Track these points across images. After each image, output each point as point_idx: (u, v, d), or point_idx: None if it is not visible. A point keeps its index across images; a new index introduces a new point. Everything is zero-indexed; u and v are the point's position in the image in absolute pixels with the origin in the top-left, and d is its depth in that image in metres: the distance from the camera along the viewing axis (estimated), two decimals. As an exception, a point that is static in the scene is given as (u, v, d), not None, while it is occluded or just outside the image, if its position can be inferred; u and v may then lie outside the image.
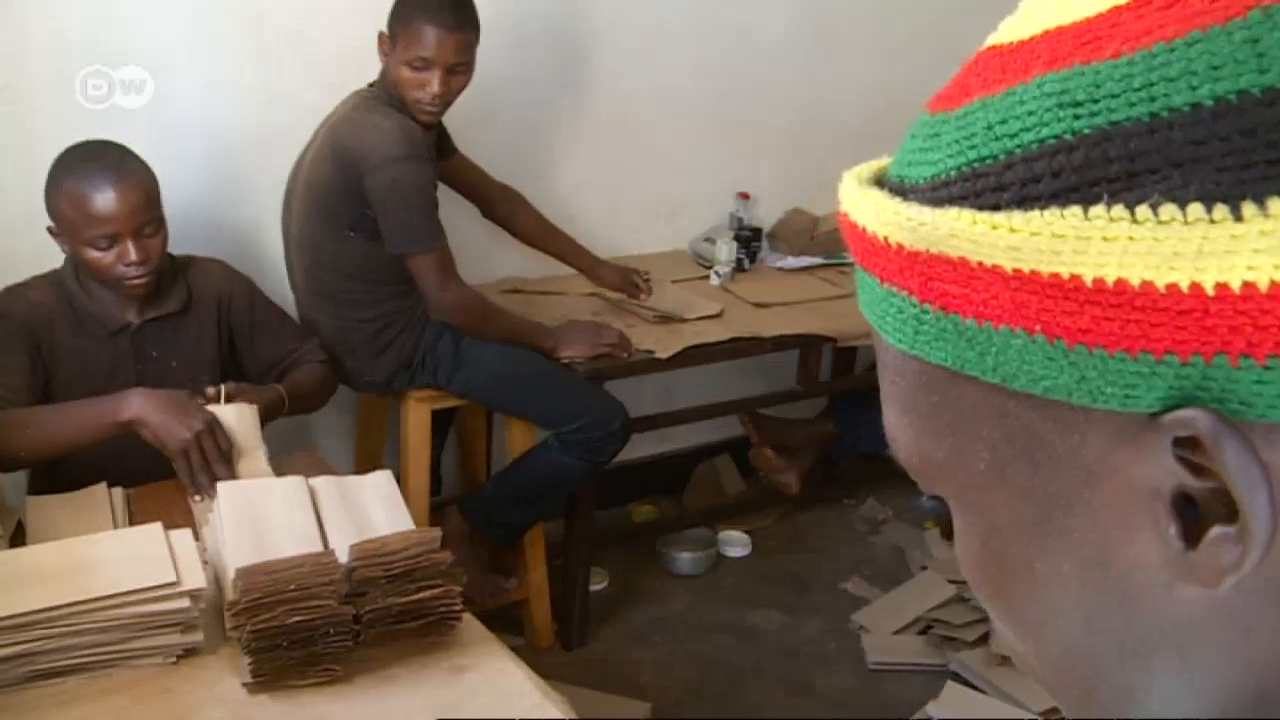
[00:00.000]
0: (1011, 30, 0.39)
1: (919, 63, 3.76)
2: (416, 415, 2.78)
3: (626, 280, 3.08)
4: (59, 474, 1.98)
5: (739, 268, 3.50)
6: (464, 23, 2.50)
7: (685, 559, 3.46)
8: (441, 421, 3.05)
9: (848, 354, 3.74)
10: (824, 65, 3.70)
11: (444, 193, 2.74)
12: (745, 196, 3.63)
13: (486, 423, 3.22)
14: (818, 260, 3.63)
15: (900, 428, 0.44)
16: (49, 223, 2.11)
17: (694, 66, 3.47)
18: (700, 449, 3.89)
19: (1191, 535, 0.35)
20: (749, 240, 3.58)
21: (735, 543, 3.58)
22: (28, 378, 2.07)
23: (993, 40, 0.40)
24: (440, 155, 2.76)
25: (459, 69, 2.52)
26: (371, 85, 2.60)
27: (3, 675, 1.40)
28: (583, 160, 3.38)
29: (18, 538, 1.75)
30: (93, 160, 2.08)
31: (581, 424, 2.73)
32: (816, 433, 3.61)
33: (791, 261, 3.64)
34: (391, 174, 2.45)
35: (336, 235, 2.55)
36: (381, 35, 2.53)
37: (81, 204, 2.04)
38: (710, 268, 3.44)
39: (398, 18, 2.50)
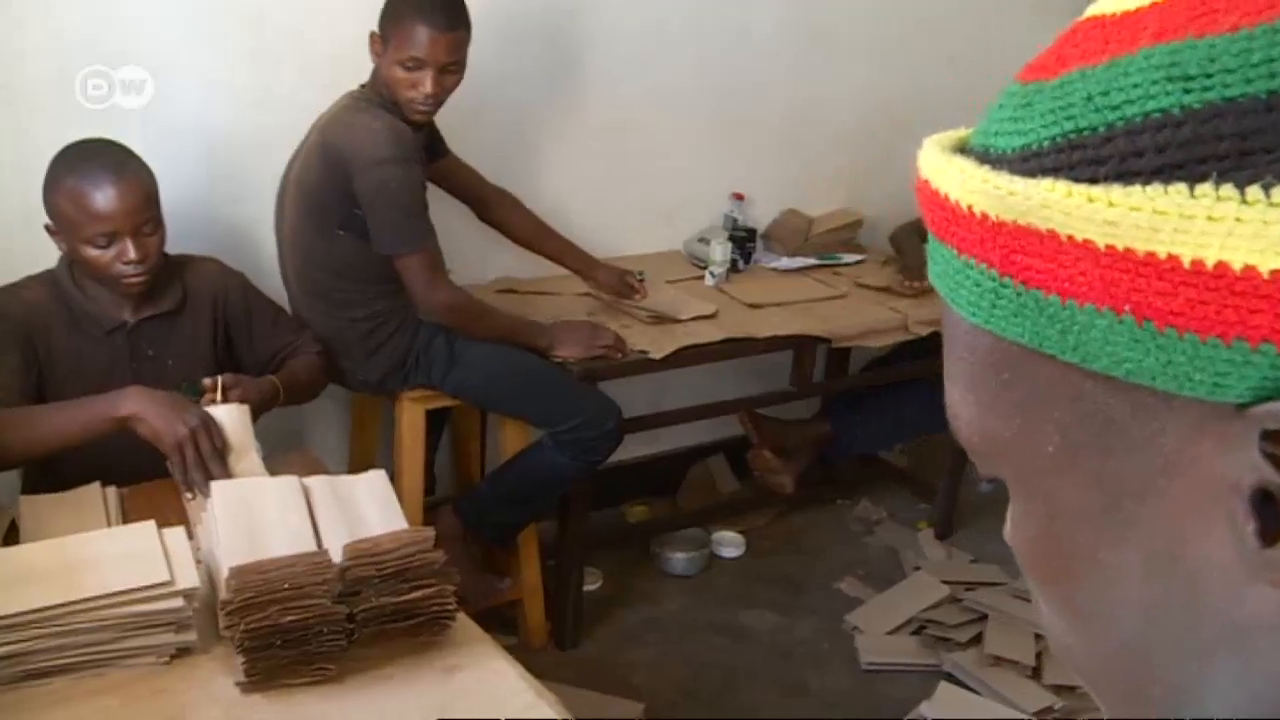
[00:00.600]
0: (1115, 1, 0.37)
1: (913, 65, 3.79)
2: (410, 415, 2.78)
3: (621, 281, 3.08)
4: (53, 473, 1.98)
5: (733, 268, 3.50)
6: (456, 22, 2.50)
7: (679, 559, 3.46)
8: (436, 421, 3.04)
9: (842, 355, 3.75)
10: (819, 67, 3.70)
11: (436, 193, 2.74)
12: (740, 197, 3.63)
13: (481, 423, 3.22)
14: (812, 261, 3.64)
15: (964, 404, 0.43)
16: (46, 221, 2.11)
17: (689, 67, 3.47)
18: (694, 449, 3.89)
19: (1269, 534, 0.34)
20: (744, 241, 3.58)
21: (729, 543, 3.59)
22: (22, 378, 2.06)
23: (1093, 10, 0.38)
24: (432, 156, 2.76)
25: (451, 68, 2.52)
26: (363, 86, 2.60)
27: (-6, 674, 1.40)
28: (578, 160, 3.38)
29: (11, 536, 1.74)
30: (93, 158, 2.08)
31: (575, 424, 2.73)
32: (812, 434, 3.61)
33: (786, 262, 3.64)
34: (380, 175, 2.45)
35: (327, 234, 2.55)
36: (373, 35, 2.53)
37: (82, 201, 2.04)
38: (705, 268, 3.44)
39: (389, 17, 2.51)
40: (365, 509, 1.69)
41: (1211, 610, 0.36)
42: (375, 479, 1.78)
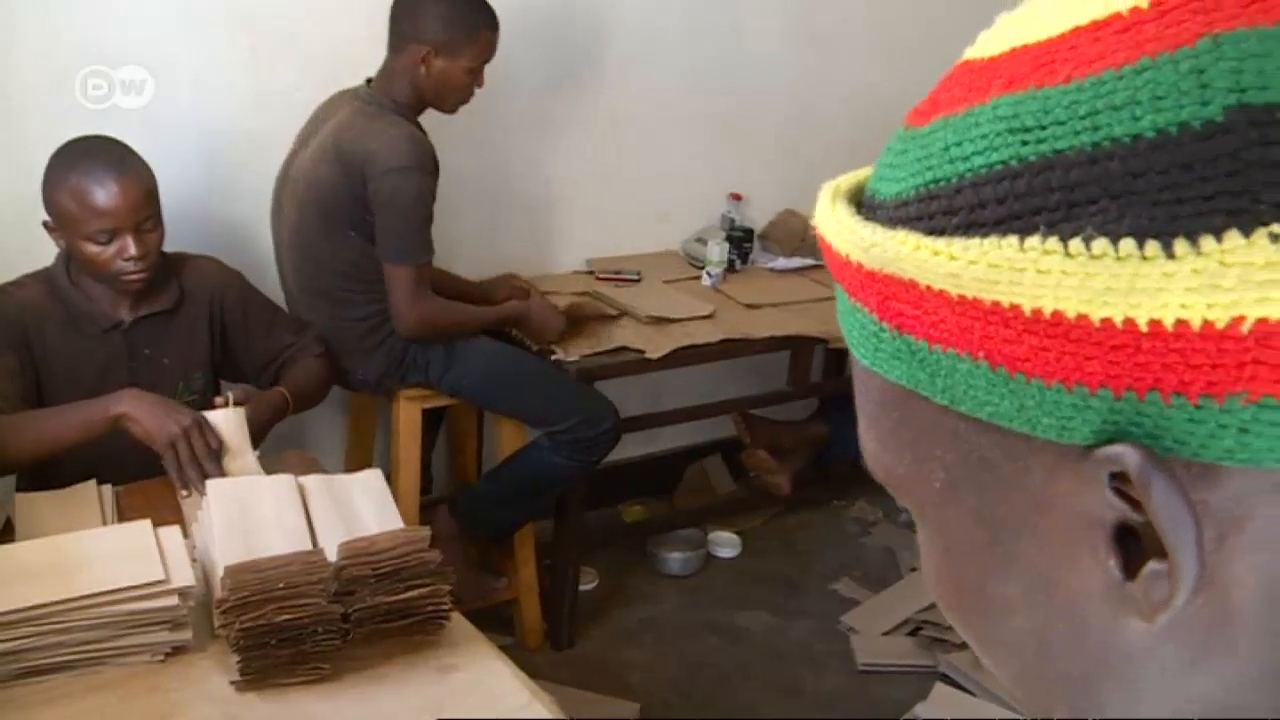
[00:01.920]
0: (984, 45, 0.38)
1: (911, 66, 3.75)
2: (407, 414, 2.78)
3: (510, 287, 3.07)
4: (49, 472, 1.98)
5: (731, 269, 3.50)
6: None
7: (675, 559, 3.46)
8: (433, 421, 3.05)
9: (839, 355, 3.73)
10: (817, 68, 3.70)
11: (449, 185, 2.73)
12: (737, 197, 3.64)
13: (478, 422, 3.22)
14: (809, 262, 3.63)
15: (868, 439, 0.44)
16: (44, 218, 2.10)
17: (688, 69, 3.47)
18: (691, 449, 3.89)
19: (1132, 567, 0.35)
20: (741, 241, 3.58)
21: (725, 544, 3.59)
22: (19, 380, 2.07)
23: (967, 54, 0.39)
24: None
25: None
26: (367, 84, 2.61)
27: (-10, 672, 1.40)
28: (576, 159, 3.38)
29: (6, 535, 1.74)
30: (94, 155, 2.08)
31: (572, 424, 2.73)
32: (808, 434, 3.61)
33: (783, 263, 3.64)
34: (395, 183, 2.47)
35: (334, 235, 2.55)
36: (422, 49, 2.55)
37: (83, 198, 2.04)
38: (702, 268, 3.44)
39: (459, 27, 2.56)
40: (361, 508, 1.69)
41: (1092, 641, 0.37)
42: (371, 478, 1.78)
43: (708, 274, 3.40)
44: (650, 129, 3.48)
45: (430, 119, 2.67)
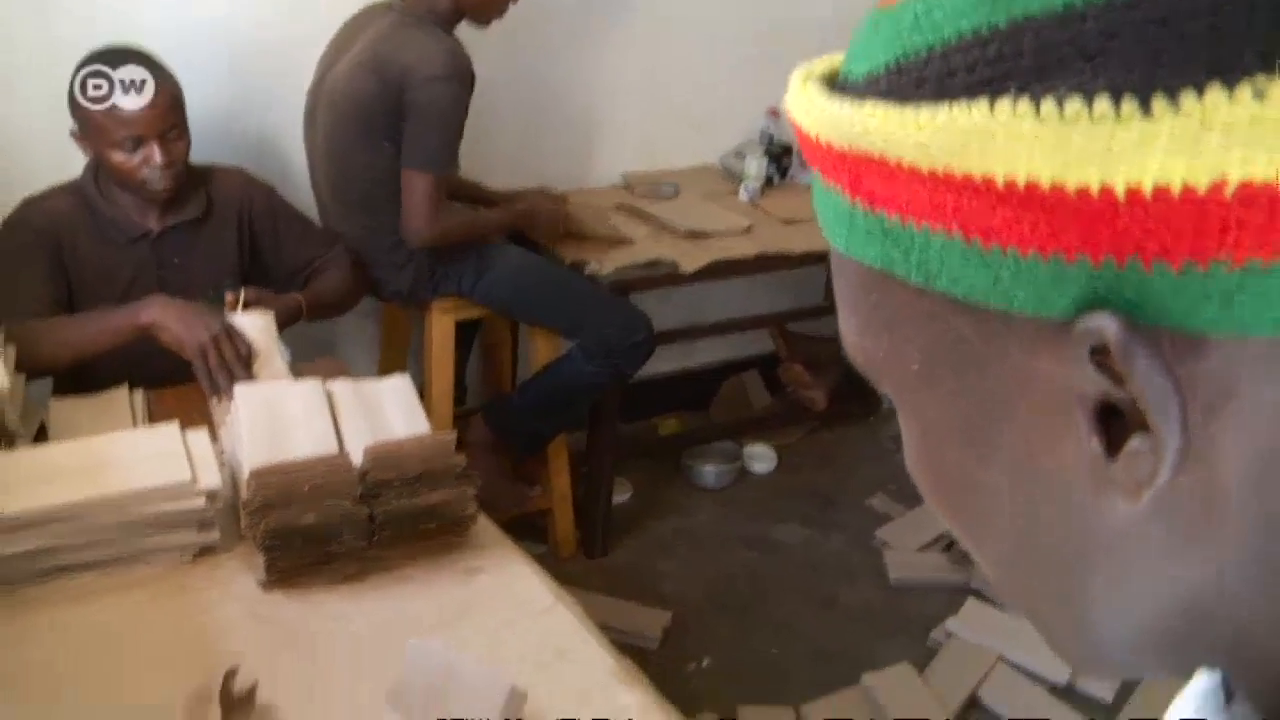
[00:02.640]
0: None
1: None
2: (440, 325, 2.78)
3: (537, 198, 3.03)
4: (83, 376, 2.00)
5: (768, 184, 3.45)
6: None
7: (710, 472, 3.47)
8: (467, 333, 3.05)
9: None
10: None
11: (486, 99, 2.70)
12: (777, 113, 3.58)
13: (512, 335, 3.22)
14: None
15: (845, 324, 0.43)
16: (71, 127, 2.11)
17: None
18: (727, 364, 3.88)
19: (1115, 446, 0.34)
20: (779, 157, 3.53)
21: (760, 457, 3.59)
22: (51, 287, 2.09)
23: None
24: None
25: None
26: None
27: (22, 569, 1.43)
28: (615, 71, 3.34)
29: (40, 438, 1.76)
30: (120, 63, 2.07)
31: (604, 334, 2.73)
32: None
33: (822, 177, 3.58)
34: (431, 92, 2.46)
35: (370, 146, 2.54)
36: None
37: (109, 106, 2.04)
38: (740, 183, 3.40)
39: None
40: (389, 412, 1.69)
41: (1076, 522, 0.36)
42: (400, 383, 1.78)
43: (745, 189, 3.37)
44: (689, 43, 3.43)
45: (467, 33, 2.64)
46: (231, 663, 1.26)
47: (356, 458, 1.52)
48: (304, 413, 1.64)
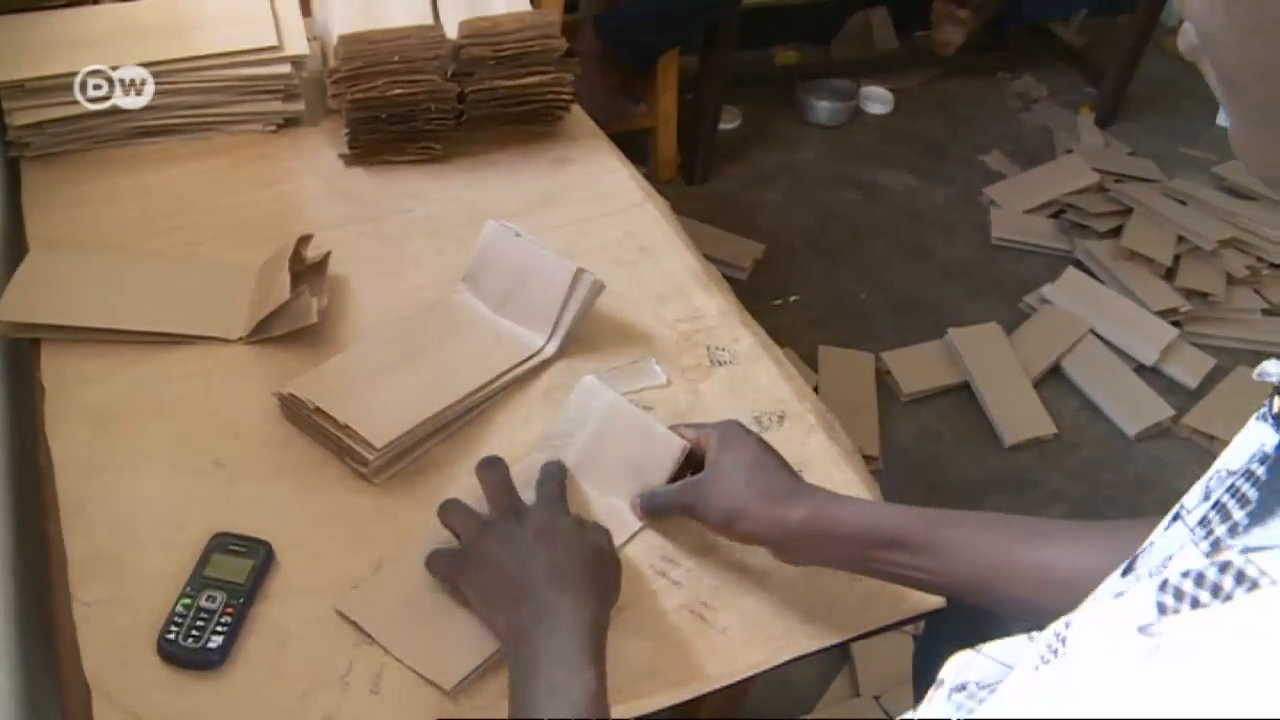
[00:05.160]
0: None
1: None
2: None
3: None
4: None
5: None
6: None
7: (823, 108, 3.34)
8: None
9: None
10: None
11: None
12: None
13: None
14: None
15: None
16: None
17: None
18: (855, -2, 3.68)
19: None
20: None
21: (877, 99, 3.45)
22: None
23: None
24: None
25: None
26: None
27: (108, 129, 1.40)
28: None
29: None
30: None
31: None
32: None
33: None
34: None
35: None
36: None
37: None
38: None
39: None
40: (492, -2, 1.60)
41: None
42: (503, -35, 1.67)
43: None
44: None
45: None
46: (308, 231, 1.23)
47: (452, 31, 1.44)
48: (401, -18, 1.55)
